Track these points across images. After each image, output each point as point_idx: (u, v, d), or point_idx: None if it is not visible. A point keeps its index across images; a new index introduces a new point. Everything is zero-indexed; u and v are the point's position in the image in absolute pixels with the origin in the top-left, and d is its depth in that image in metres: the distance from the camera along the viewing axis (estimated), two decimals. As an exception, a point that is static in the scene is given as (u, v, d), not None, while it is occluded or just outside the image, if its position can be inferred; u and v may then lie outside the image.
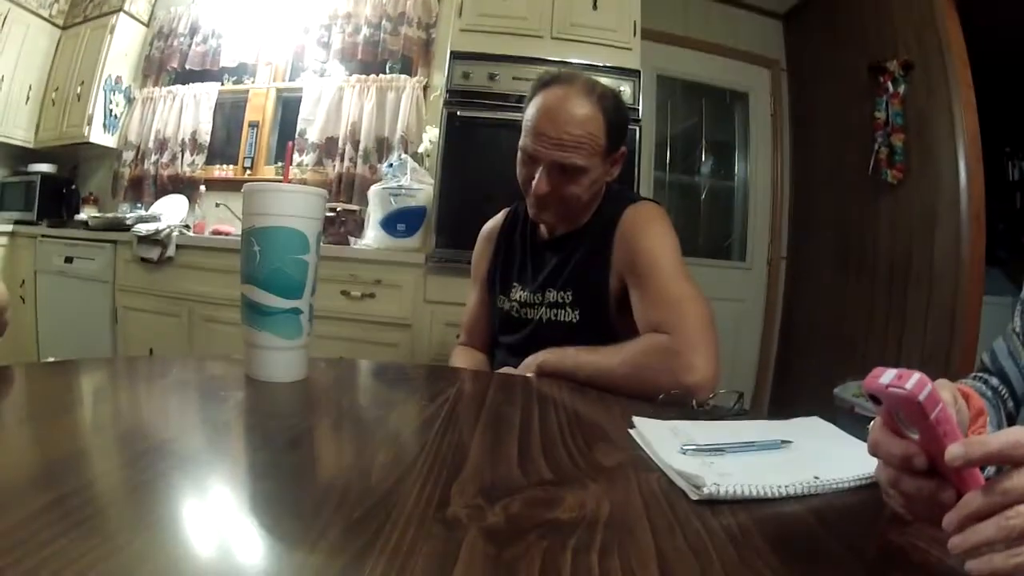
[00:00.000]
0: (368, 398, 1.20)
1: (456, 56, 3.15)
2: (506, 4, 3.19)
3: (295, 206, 1.05)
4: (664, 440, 0.82)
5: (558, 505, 0.63)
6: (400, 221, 3.22)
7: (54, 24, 5.03)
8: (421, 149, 3.69)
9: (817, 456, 0.80)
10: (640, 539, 0.57)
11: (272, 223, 1.03)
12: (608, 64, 3.12)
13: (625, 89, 3.00)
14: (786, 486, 0.69)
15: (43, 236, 4.26)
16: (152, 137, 4.71)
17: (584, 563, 0.51)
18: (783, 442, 0.84)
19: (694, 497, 0.67)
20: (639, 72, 3.14)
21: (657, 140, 4.36)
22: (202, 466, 0.71)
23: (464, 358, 1.74)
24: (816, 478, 0.71)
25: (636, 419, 0.92)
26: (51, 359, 1.25)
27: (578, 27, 3.20)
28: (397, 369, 1.58)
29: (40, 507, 0.54)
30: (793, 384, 4.24)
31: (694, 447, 0.79)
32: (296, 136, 4.18)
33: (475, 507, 0.60)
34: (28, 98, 4.85)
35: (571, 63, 3.07)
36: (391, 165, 3.42)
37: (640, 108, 3.13)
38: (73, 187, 4.93)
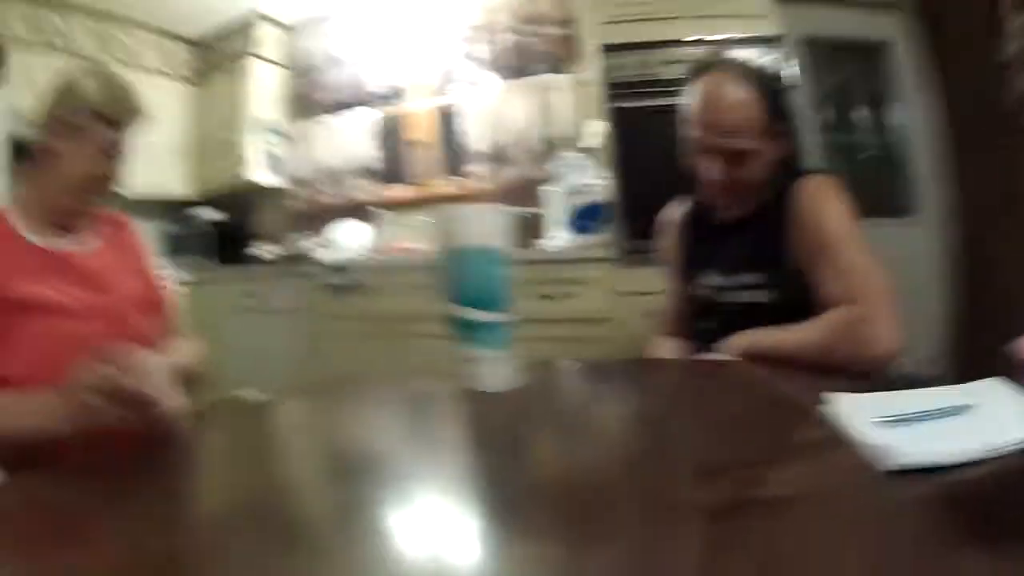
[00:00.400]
0: (577, 397, 1.30)
1: (603, 49, 3.29)
2: (636, -10, 3.27)
3: (487, 224, 1.16)
4: (855, 413, 0.85)
5: (760, 484, 0.69)
6: (583, 218, 3.36)
7: (185, 80, 5.45)
8: (587, 144, 3.75)
9: (1003, 418, 0.81)
10: (836, 512, 0.63)
11: (468, 243, 1.14)
12: (747, 35, 3.12)
13: (770, 58, 2.99)
14: (975, 450, 0.70)
15: (225, 278, 4.61)
16: (318, 169, 5.03)
17: (787, 537, 0.57)
18: (966, 406, 0.85)
19: (887, 468, 0.69)
20: (781, 38, 3.13)
21: (811, 104, 4.26)
22: (427, 476, 0.82)
23: (664, 347, 1.82)
24: (1005, 441, 0.72)
25: (829, 394, 0.94)
26: (250, 393, 1.43)
27: (710, 2, 3.21)
28: (600, 366, 1.69)
29: (262, 529, 0.65)
30: (976, 345, 4.03)
31: (885, 418, 0.82)
32: (462, 149, 4.36)
33: (686, 489, 0.69)
34: (180, 152, 5.26)
35: (710, 40, 3.11)
36: (564, 165, 3.50)
37: (789, 75, 3.11)
38: (246, 228, 5.28)
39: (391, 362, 3.73)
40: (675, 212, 1.93)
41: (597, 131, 3.61)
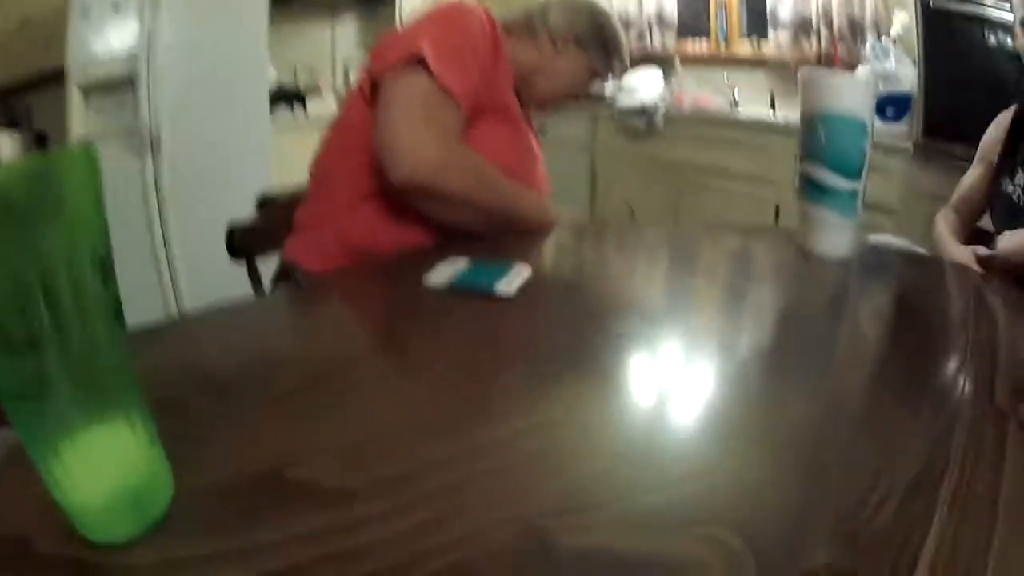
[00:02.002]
0: (892, 280, 1.19)
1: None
2: None
3: (859, 95, 1.12)
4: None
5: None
6: (888, 105, 3.23)
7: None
8: (892, 33, 3.51)
9: None
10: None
11: (838, 110, 1.10)
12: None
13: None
14: None
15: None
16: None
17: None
18: None
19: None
20: None
21: None
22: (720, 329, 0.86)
23: (946, 226, 1.75)
24: None
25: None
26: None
27: None
28: (910, 254, 1.46)
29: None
30: None
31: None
32: (768, 13, 4.18)
33: (1012, 401, 0.64)
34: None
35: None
36: (873, 48, 3.42)
37: None
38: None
39: (678, 208, 3.76)
40: (1007, 113, 1.76)
41: (904, 21, 3.39)
